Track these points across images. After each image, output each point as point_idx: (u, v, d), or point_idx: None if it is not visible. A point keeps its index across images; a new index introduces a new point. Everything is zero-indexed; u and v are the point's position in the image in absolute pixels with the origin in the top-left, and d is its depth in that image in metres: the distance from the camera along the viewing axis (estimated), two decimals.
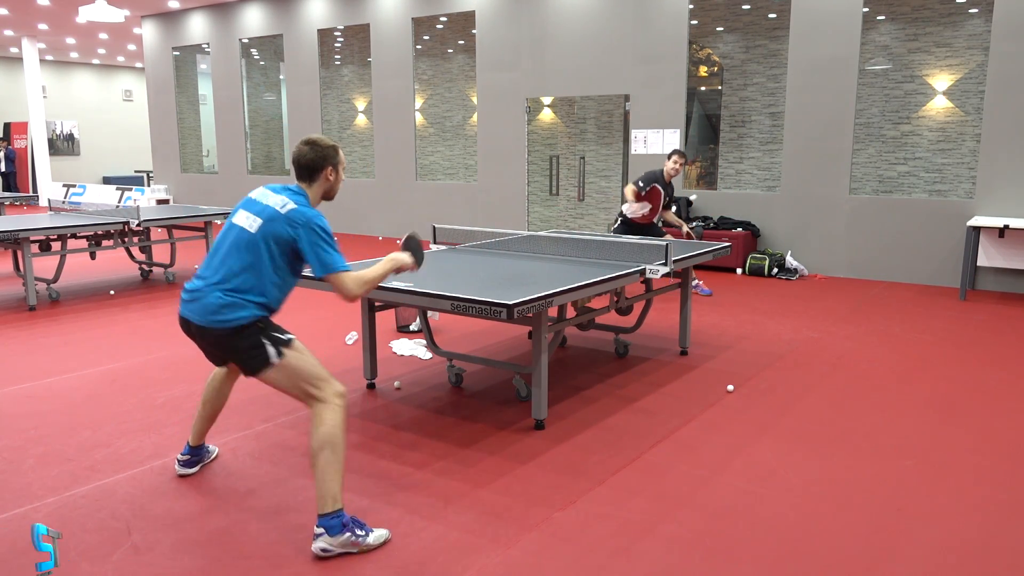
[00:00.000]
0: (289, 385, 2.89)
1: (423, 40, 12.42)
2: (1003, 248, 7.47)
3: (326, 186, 3.07)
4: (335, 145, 3.09)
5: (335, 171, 3.07)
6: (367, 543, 2.78)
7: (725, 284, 8.29)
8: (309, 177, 3.04)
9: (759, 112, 10.09)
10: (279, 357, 2.87)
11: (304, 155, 3.02)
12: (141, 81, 23.71)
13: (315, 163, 3.02)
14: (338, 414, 2.84)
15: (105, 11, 11.60)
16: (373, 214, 12.60)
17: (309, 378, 2.88)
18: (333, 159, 3.05)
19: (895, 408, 4.36)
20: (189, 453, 3.46)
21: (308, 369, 2.89)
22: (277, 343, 2.89)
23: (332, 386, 2.88)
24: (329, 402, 2.84)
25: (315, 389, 2.87)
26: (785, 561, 2.74)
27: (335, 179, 3.08)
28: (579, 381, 4.82)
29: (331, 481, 2.77)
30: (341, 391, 2.89)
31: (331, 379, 2.91)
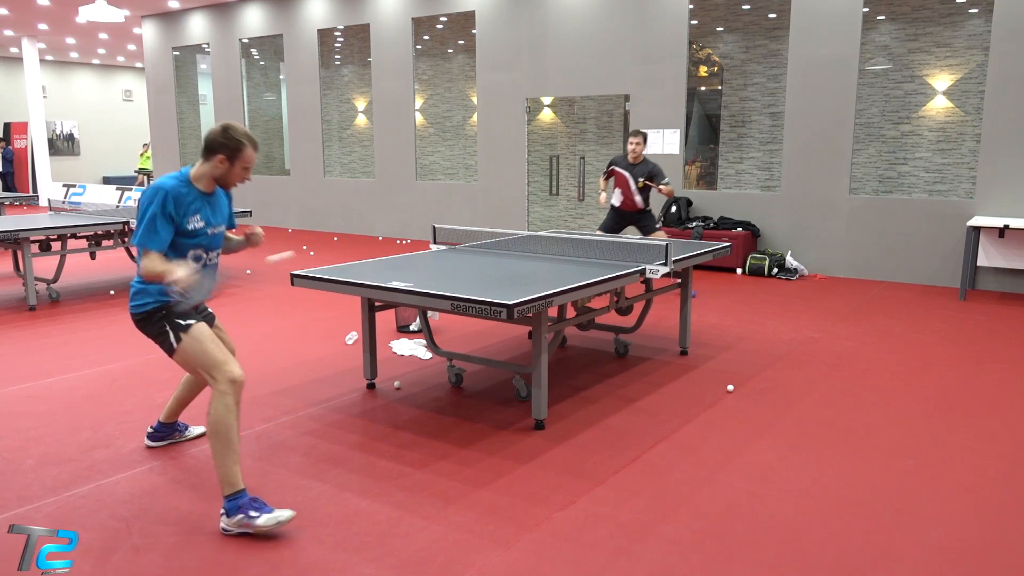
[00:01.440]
0: (191, 368, 3.09)
1: (423, 40, 12.42)
2: (1003, 248, 7.47)
3: (216, 171, 3.08)
4: (242, 141, 3.06)
5: (228, 162, 3.06)
6: (257, 524, 2.85)
7: (725, 284, 8.29)
8: (205, 154, 3.08)
9: (759, 112, 10.09)
10: (178, 342, 3.03)
11: (210, 132, 3.08)
12: (141, 81, 23.70)
13: (212, 144, 3.05)
14: (222, 402, 2.92)
15: (105, 11, 11.60)
16: (373, 214, 12.61)
17: (204, 364, 3.01)
18: (230, 150, 3.04)
19: (895, 408, 4.36)
20: (158, 427, 3.71)
21: (202, 356, 3.01)
22: (177, 329, 3.04)
23: (224, 372, 2.96)
24: (216, 389, 2.95)
25: (208, 376, 3.00)
26: (785, 561, 2.74)
27: (226, 170, 3.08)
28: (579, 381, 4.82)
29: (221, 466, 2.90)
30: (233, 377, 2.97)
31: (225, 365, 2.98)
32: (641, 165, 6.92)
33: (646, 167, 6.90)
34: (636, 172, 6.92)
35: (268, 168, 14.89)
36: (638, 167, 6.92)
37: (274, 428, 4.01)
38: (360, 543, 2.85)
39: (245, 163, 3.09)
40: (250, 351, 5.51)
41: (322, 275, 4.19)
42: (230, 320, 6.43)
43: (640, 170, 6.91)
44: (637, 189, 6.92)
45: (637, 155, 6.90)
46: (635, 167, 6.93)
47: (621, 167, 6.98)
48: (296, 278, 4.28)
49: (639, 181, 6.89)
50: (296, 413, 4.23)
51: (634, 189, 6.92)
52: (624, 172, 6.96)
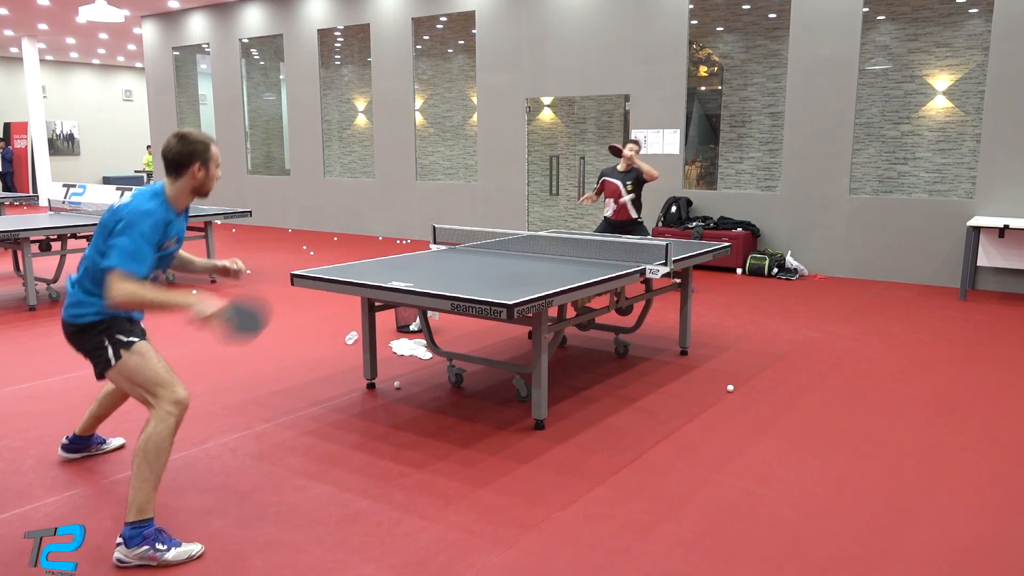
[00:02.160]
0: (128, 388, 2.84)
1: (423, 40, 12.42)
2: (1003, 248, 7.47)
3: (194, 183, 2.92)
4: (207, 141, 2.93)
5: (204, 168, 2.92)
6: (165, 559, 2.67)
7: (725, 284, 8.29)
8: (175, 172, 2.89)
9: (759, 112, 10.09)
10: (116, 359, 2.81)
11: (171, 148, 2.88)
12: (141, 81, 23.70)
13: (181, 158, 2.87)
14: (165, 423, 2.74)
15: (105, 11, 11.60)
16: (373, 214, 12.60)
17: (146, 383, 2.80)
18: (203, 155, 2.90)
19: (895, 408, 4.36)
20: (72, 440, 3.56)
21: (146, 374, 2.80)
22: (117, 345, 2.82)
23: (170, 393, 2.78)
24: (159, 409, 2.75)
25: (150, 395, 2.79)
26: (785, 561, 2.74)
27: (205, 176, 2.93)
28: (579, 381, 4.82)
29: (139, 490, 2.69)
30: (178, 398, 2.79)
31: (172, 386, 2.80)
32: (629, 172, 7.01)
33: (634, 172, 6.98)
34: (626, 179, 7.00)
35: (268, 168, 14.89)
36: (627, 174, 7.01)
37: (274, 428, 4.01)
38: (360, 543, 2.85)
39: (217, 162, 2.97)
40: (250, 351, 5.51)
41: (322, 275, 4.19)
42: None
43: (630, 176, 6.99)
44: (627, 195, 6.97)
45: (628, 162, 6.95)
46: (625, 175, 7.01)
47: (612, 177, 7.06)
48: (296, 278, 4.28)
49: (627, 186, 6.96)
50: (296, 413, 4.23)
51: (625, 198, 6.98)
52: (615, 181, 7.03)
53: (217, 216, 8.35)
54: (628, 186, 6.96)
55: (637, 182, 6.97)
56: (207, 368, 5.09)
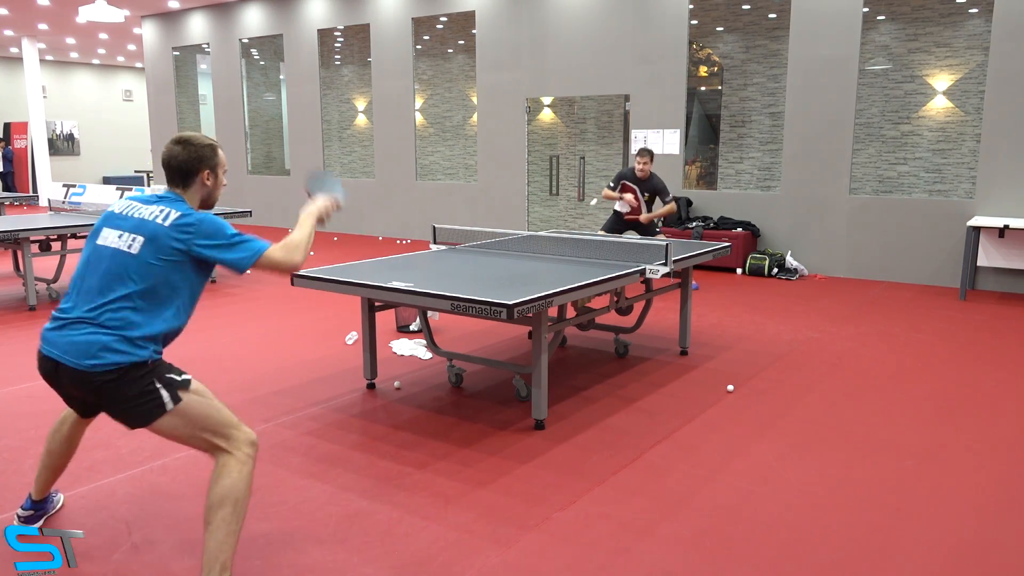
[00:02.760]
0: (188, 435, 2.45)
1: (423, 40, 12.42)
2: (1003, 248, 7.47)
3: (203, 192, 2.68)
4: (213, 144, 2.69)
5: (213, 175, 2.68)
6: None
7: (725, 284, 8.29)
8: (183, 182, 2.63)
9: (759, 112, 10.09)
10: (175, 402, 2.41)
11: (175, 156, 2.61)
12: (141, 81, 23.70)
13: (188, 165, 2.61)
14: (247, 467, 2.46)
15: (105, 11, 11.60)
16: (373, 214, 12.60)
17: (215, 425, 2.47)
18: (211, 160, 2.66)
19: (895, 408, 4.36)
20: (32, 508, 2.94)
21: (212, 415, 2.48)
22: (172, 386, 2.43)
23: (242, 433, 2.50)
24: (237, 453, 2.46)
25: (221, 439, 2.46)
26: (785, 561, 2.74)
27: (214, 184, 2.70)
28: (579, 381, 4.82)
29: (224, 544, 2.37)
30: (253, 439, 2.52)
31: (241, 425, 2.53)
32: (647, 181, 7.25)
33: (652, 183, 7.25)
34: (644, 187, 7.26)
35: (268, 168, 14.89)
36: (644, 183, 7.26)
37: (274, 428, 4.01)
38: (360, 543, 2.85)
39: (225, 167, 2.75)
40: (250, 351, 5.51)
41: (322, 275, 4.19)
42: (230, 320, 6.43)
43: (647, 186, 7.25)
44: (644, 202, 7.25)
45: (645, 172, 7.21)
46: (642, 183, 7.26)
47: (631, 181, 7.29)
48: (296, 278, 4.28)
49: (645, 195, 7.24)
50: (296, 413, 4.23)
51: (642, 202, 7.25)
52: (633, 187, 7.28)
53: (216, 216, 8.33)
54: (645, 196, 7.25)
55: (652, 194, 7.27)
56: (207, 368, 5.09)
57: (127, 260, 2.46)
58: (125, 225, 2.53)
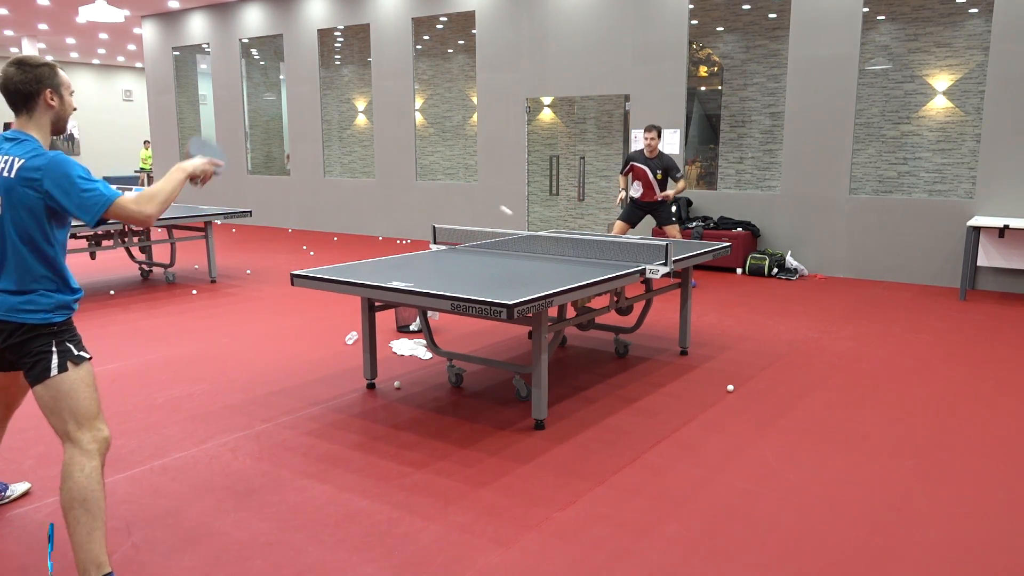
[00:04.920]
0: (50, 410, 2.41)
1: (423, 40, 12.42)
2: (1003, 248, 7.47)
3: (50, 114, 2.51)
4: (50, 64, 2.52)
5: (56, 94, 2.51)
6: None
7: (725, 284, 8.29)
8: (25, 107, 2.47)
9: (759, 112, 10.09)
10: (60, 370, 2.39)
11: (11, 79, 2.44)
12: (141, 81, 23.72)
13: (26, 86, 2.45)
14: (91, 463, 2.38)
15: (105, 11, 11.60)
16: (373, 214, 12.60)
17: (78, 410, 2.40)
18: (51, 79, 2.49)
19: (895, 408, 4.36)
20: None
21: (82, 401, 2.41)
22: (66, 355, 2.42)
23: (98, 431, 2.43)
24: (82, 445, 2.39)
25: (75, 426, 2.40)
26: (785, 561, 2.74)
27: (60, 104, 2.52)
28: (579, 381, 4.82)
29: (89, 544, 2.33)
30: (105, 436, 2.45)
31: (100, 421, 2.46)
32: (657, 159, 7.44)
33: (661, 161, 7.44)
34: (653, 165, 7.44)
35: (268, 168, 14.89)
36: (654, 161, 7.44)
37: (274, 428, 4.01)
38: (360, 543, 2.85)
39: (69, 87, 2.55)
40: (250, 351, 5.51)
41: (322, 275, 4.19)
42: (230, 320, 6.43)
43: (656, 163, 7.44)
44: (656, 180, 7.45)
45: (652, 149, 7.40)
46: (651, 161, 7.45)
47: (639, 162, 7.50)
48: (296, 278, 4.28)
49: (656, 173, 7.43)
50: (296, 413, 4.23)
51: (653, 181, 7.45)
52: (642, 166, 7.48)
53: (217, 216, 8.35)
54: (657, 174, 7.42)
55: (665, 171, 7.43)
56: (207, 368, 5.09)
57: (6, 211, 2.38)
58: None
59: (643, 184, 7.53)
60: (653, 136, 7.34)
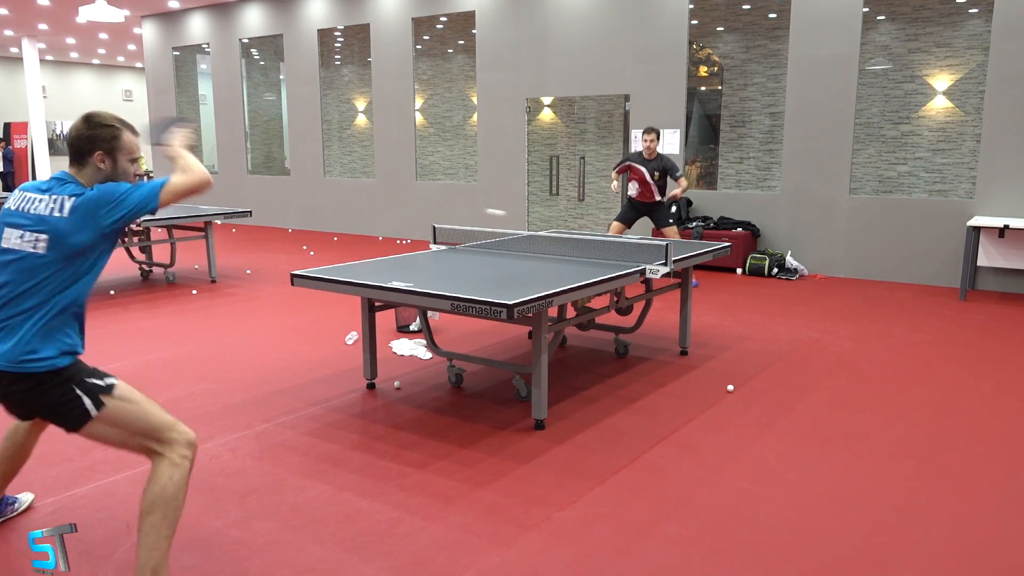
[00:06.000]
0: (120, 440, 2.39)
1: (423, 40, 12.42)
2: (1003, 248, 7.47)
3: (98, 176, 2.46)
4: (116, 125, 2.48)
5: (109, 158, 2.46)
6: None
7: (725, 284, 8.29)
8: (77, 160, 2.45)
9: (759, 112, 10.09)
10: (99, 408, 2.33)
11: (73, 131, 2.45)
12: (141, 81, 23.71)
13: (81, 144, 2.43)
14: (180, 471, 2.37)
15: (105, 11, 11.60)
16: (373, 214, 12.60)
17: (146, 430, 2.38)
18: (107, 142, 2.45)
19: (895, 408, 4.36)
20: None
21: (143, 418, 2.39)
22: (94, 391, 2.34)
23: (180, 435, 2.42)
24: (171, 456, 2.38)
25: (155, 443, 2.38)
26: (785, 561, 2.74)
27: (111, 168, 2.47)
28: (579, 381, 4.82)
29: (154, 550, 2.32)
30: (190, 440, 2.43)
31: (175, 426, 2.43)
32: (655, 160, 7.47)
33: (660, 162, 7.47)
34: (651, 167, 7.47)
35: (268, 168, 14.89)
36: (652, 162, 7.48)
37: (274, 428, 4.01)
38: (360, 543, 2.85)
39: (129, 153, 2.50)
40: (250, 351, 5.51)
41: (322, 275, 4.19)
42: (230, 320, 6.44)
43: (655, 164, 7.46)
44: (654, 182, 7.47)
45: (651, 151, 7.45)
46: (649, 162, 7.48)
47: (636, 163, 7.53)
48: (296, 278, 4.28)
49: (654, 175, 7.45)
50: (296, 413, 4.23)
51: (651, 182, 7.47)
52: (640, 167, 7.51)
53: (217, 216, 8.35)
54: (655, 175, 7.47)
55: (662, 173, 7.47)
56: (207, 368, 5.09)
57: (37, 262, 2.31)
58: (27, 222, 2.35)
59: (640, 184, 7.56)
60: (652, 138, 7.39)
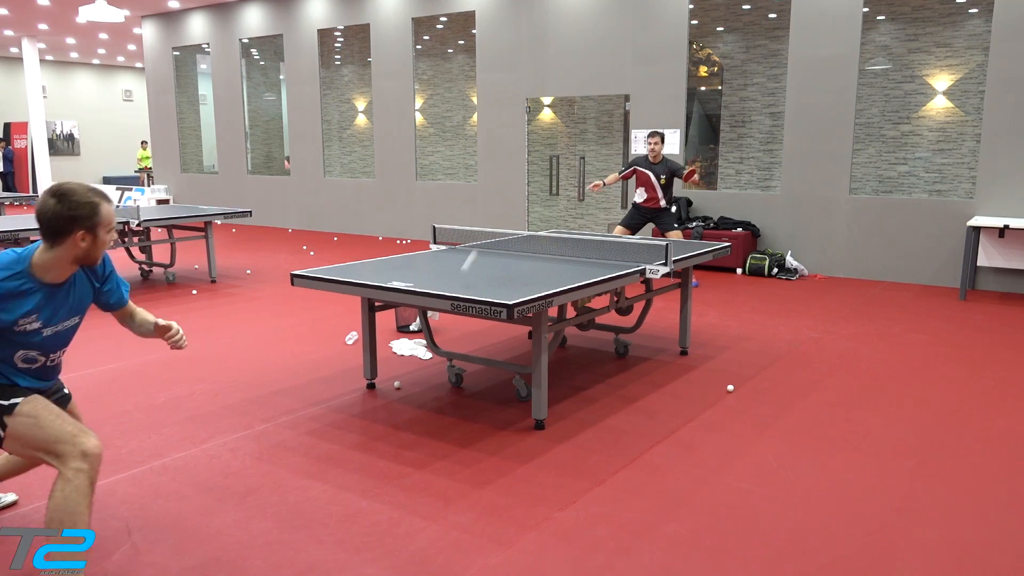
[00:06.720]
0: (27, 456, 2.43)
1: (423, 40, 12.42)
2: (1003, 248, 7.47)
3: (75, 252, 2.38)
4: (93, 201, 2.37)
5: (91, 234, 2.38)
6: None
7: (725, 284, 8.29)
8: (51, 238, 2.34)
9: (759, 112, 10.08)
10: (2, 428, 2.38)
11: (46, 210, 2.32)
12: (141, 81, 23.70)
13: (59, 223, 2.33)
14: (75, 483, 2.30)
15: (105, 11, 11.60)
16: (373, 214, 12.60)
17: (43, 444, 2.35)
18: (88, 220, 2.35)
19: (895, 408, 4.36)
20: None
21: (41, 435, 2.36)
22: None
23: (75, 445, 2.34)
24: (63, 470, 2.32)
25: (50, 457, 2.35)
26: (785, 561, 2.74)
27: (91, 244, 2.39)
28: (579, 381, 4.82)
29: None
30: (85, 449, 2.35)
31: (75, 437, 2.36)
32: (661, 164, 7.48)
33: (666, 165, 7.48)
34: (657, 170, 7.46)
35: (268, 168, 14.89)
36: (658, 166, 7.47)
37: (274, 428, 4.01)
38: (360, 543, 2.85)
39: (108, 225, 2.42)
40: (250, 351, 5.51)
41: (322, 275, 4.19)
42: (230, 320, 6.43)
43: (660, 168, 7.46)
44: (660, 186, 7.44)
45: (656, 155, 7.44)
46: (655, 166, 7.48)
47: (643, 167, 7.51)
48: (296, 278, 4.28)
49: (660, 179, 7.44)
50: (296, 413, 4.23)
51: (657, 187, 7.45)
52: (646, 171, 7.49)
53: (217, 216, 8.35)
54: (661, 179, 7.45)
55: (669, 175, 7.46)
56: (207, 368, 5.09)
57: None
58: None
59: (647, 189, 7.53)
60: (657, 142, 7.38)
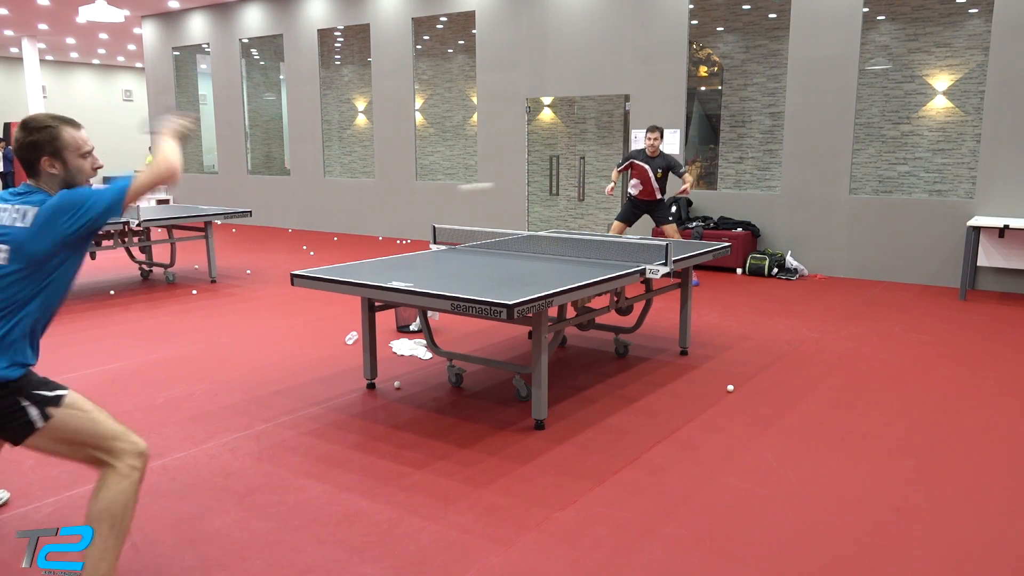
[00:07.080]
0: (67, 452, 2.31)
1: (423, 40, 12.42)
2: (1003, 248, 7.47)
3: (54, 180, 2.35)
4: (52, 125, 2.33)
5: (58, 160, 2.33)
6: None
7: (725, 284, 8.29)
8: (30, 171, 2.34)
9: (759, 112, 10.08)
10: (45, 420, 2.24)
11: (15, 143, 2.34)
12: (141, 81, 23.71)
13: (25, 153, 2.32)
14: (126, 480, 2.29)
15: (105, 11, 11.60)
16: (373, 214, 12.60)
17: (93, 439, 2.29)
18: (49, 144, 2.32)
19: (895, 408, 4.36)
20: None
21: (89, 428, 2.29)
22: (43, 402, 2.24)
23: (130, 445, 2.33)
24: (119, 466, 2.29)
25: (103, 452, 2.29)
26: (785, 561, 2.74)
27: (64, 169, 2.35)
28: (579, 381, 4.82)
29: (101, 561, 2.25)
30: (140, 450, 2.34)
31: (125, 436, 2.34)
32: (659, 158, 7.55)
33: (664, 160, 7.55)
34: (654, 164, 7.54)
35: (268, 168, 14.89)
36: (655, 160, 7.55)
37: (274, 428, 4.01)
38: (360, 543, 2.85)
39: (76, 149, 2.36)
40: (250, 351, 5.51)
41: (322, 275, 4.19)
42: (230, 320, 6.43)
43: (658, 163, 7.54)
44: (656, 180, 7.53)
45: (654, 149, 7.52)
46: (653, 160, 7.55)
47: (640, 160, 7.60)
48: (296, 278, 4.28)
49: (657, 172, 7.52)
50: (296, 413, 4.23)
51: (653, 180, 7.54)
52: (643, 164, 7.58)
53: (217, 216, 8.35)
54: (658, 172, 7.53)
55: (665, 170, 7.54)
56: (207, 368, 5.09)
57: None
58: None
59: (642, 182, 7.61)
60: (655, 136, 7.45)
